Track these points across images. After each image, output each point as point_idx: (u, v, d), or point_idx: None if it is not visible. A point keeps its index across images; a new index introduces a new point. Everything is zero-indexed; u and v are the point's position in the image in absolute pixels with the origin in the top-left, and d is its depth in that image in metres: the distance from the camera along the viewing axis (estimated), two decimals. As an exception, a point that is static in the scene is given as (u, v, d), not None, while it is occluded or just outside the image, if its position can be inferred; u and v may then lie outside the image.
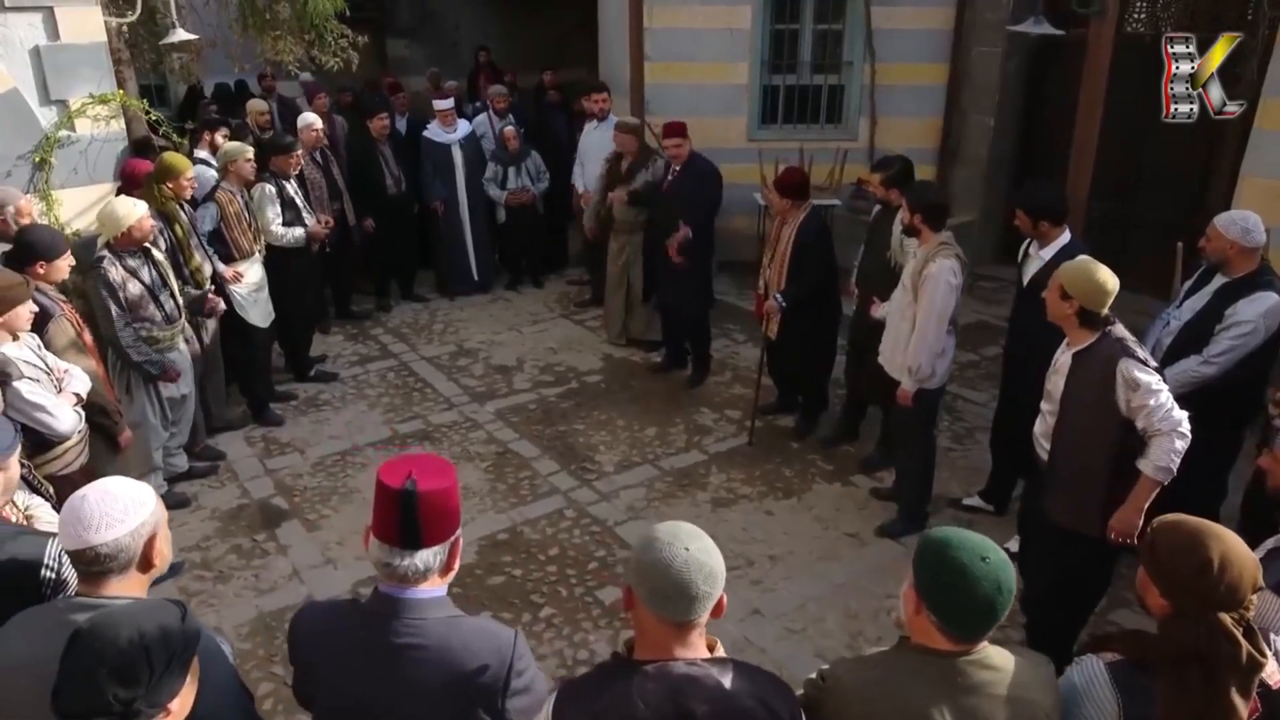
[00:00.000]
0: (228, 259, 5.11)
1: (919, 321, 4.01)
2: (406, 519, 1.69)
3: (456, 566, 1.81)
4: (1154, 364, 3.00)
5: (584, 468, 5.09)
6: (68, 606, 1.77)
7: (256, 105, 7.45)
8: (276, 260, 5.50)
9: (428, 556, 1.73)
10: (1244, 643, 1.70)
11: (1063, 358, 3.19)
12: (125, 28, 5.77)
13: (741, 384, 6.03)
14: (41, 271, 3.74)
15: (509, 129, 7.39)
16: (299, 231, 5.59)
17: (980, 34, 7.84)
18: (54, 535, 2.14)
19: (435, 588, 1.77)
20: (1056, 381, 3.21)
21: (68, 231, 5.13)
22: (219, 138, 5.92)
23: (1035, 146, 8.01)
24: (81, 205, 5.18)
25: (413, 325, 7.16)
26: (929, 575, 1.69)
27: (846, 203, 8.10)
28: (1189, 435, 2.95)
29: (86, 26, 4.98)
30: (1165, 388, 2.95)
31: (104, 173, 5.21)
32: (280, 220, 5.51)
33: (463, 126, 7.35)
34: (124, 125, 5.26)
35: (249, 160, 5.13)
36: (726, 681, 1.62)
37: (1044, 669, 1.78)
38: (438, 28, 11.52)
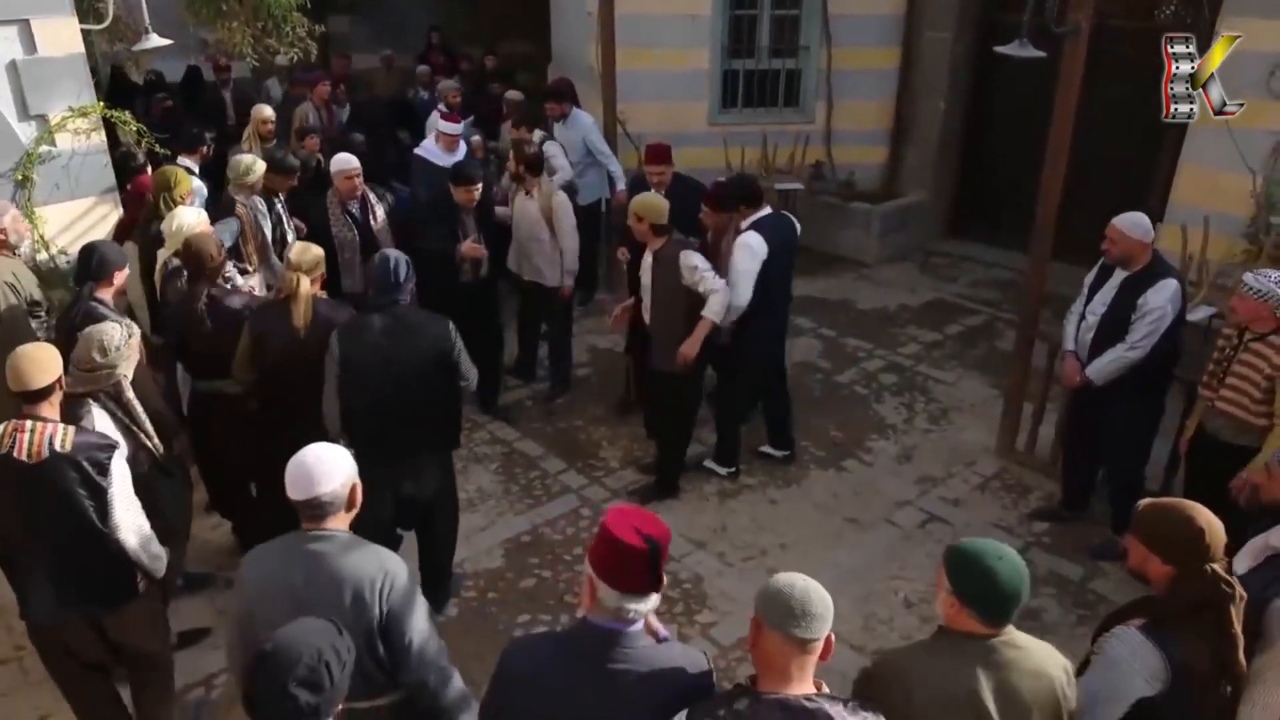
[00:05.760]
0: (242, 273, 5.07)
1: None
2: (654, 571, 1.96)
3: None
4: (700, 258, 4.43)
5: (591, 465, 5.29)
6: (301, 539, 2.30)
7: (261, 112, 6.69)
8: None
9: (657, 598, 2.01)
10: (1236, 582, 2.22)
11: (646, 259, 4.57)
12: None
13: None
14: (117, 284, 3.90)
15: (475, 139, 6.90)
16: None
17: (931, 19, 8.16)
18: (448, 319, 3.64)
19: (639, 621, 2.02)
20: (646, 277, 4.59)
21: (54, 249, 5.05)
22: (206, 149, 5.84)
23: (985, 128, 8.41)
24: (66, 221, 5.07)
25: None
26: (966, 582, 2.04)
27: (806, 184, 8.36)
28: (726, 292, 4.42)
29: (64, 38, 4.83)
30: (707, 264, 4.40)
31: (87, 187, 5.10)
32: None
33: (461, 148, 6.52)
34: (104, 137, 5.13)
35: (260, 178, 5.07)
36: (835, 715, 1.87)
37: (1054, 651, 2.15)
38: (381, 3, 11.26)
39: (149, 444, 3.34)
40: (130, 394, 3.27)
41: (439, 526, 4.03)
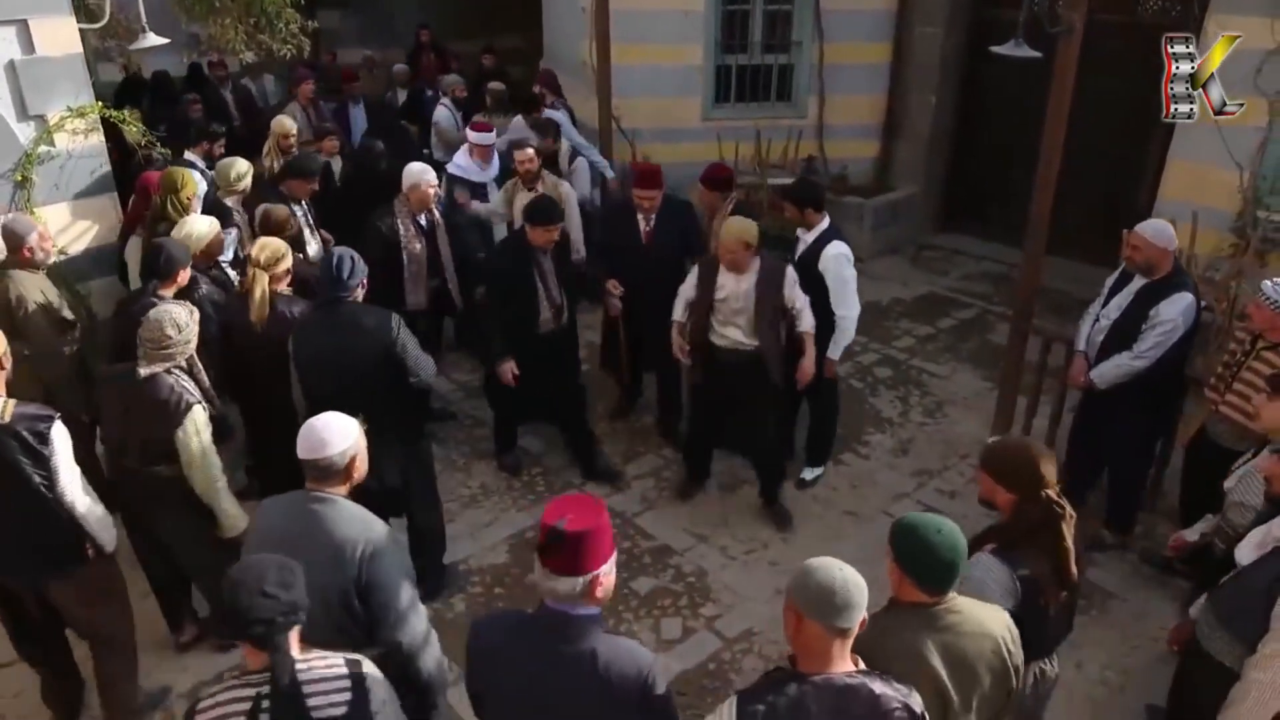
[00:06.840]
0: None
1: None
2: (556, 551, 2.04)
3: (601, 595, 2.10)
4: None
5: (592, 460, 5.35)
6: (304, 497, 2.53)
7: (283, 125, 6.33)
8: None
9: (577, 582, 2.05)
10: (1066, 504, 2.55)
11: (741, 283, 4.30)
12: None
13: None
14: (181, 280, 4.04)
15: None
16: None
17: (922, 14, 8.22)
18: (393, 313, 3.69)
19: (592, 607, 2.11)
20: (741, 302, 4.31)
21: (54, 249, 5.04)
22: (217, 148, 5.83)
23: (976, 123, 8.48)
24: (65, 222, 5.07)
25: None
26: (906, 553, 2.22)
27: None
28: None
29: (62, 38, 4.83)
30: (795, 278, 4.37)
31: (85, 187, 5.10)
32: None
33: (495, 160, 6.17)
34: (103, 138, 5.12)
35: (249, 186, 5.07)
36: (876, 689, 1.99)
37: (998, 611, 2.35)
38: (371, -3, 11.24)
39: (213, 408, 3.58)
40: (199, 364, 3.55)
41: (415, 520, 4.15)
